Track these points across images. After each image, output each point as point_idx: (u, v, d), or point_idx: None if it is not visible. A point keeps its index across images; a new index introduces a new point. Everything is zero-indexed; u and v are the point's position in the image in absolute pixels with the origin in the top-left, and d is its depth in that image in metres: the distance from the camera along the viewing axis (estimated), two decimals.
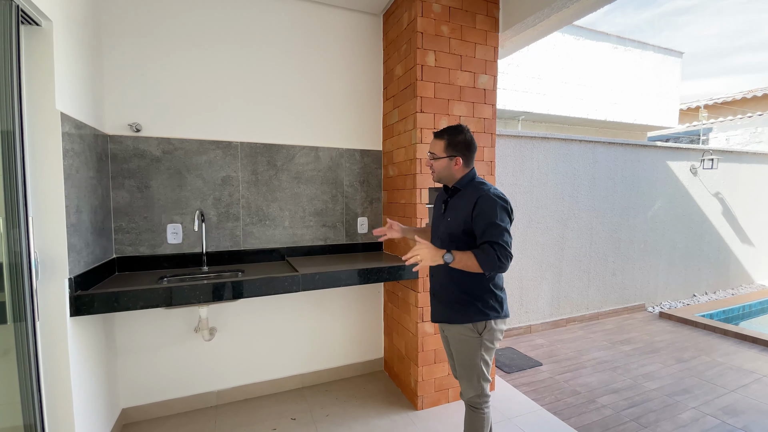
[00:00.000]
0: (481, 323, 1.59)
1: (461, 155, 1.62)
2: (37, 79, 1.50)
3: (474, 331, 1.59)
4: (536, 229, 3.87)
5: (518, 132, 3.70)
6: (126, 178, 2.20)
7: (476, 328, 1.59)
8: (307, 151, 2.64)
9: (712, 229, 5.28)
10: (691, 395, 2.66)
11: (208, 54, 2.35)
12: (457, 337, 1.64)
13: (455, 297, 1.62)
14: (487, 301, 1.59)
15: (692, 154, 4.98)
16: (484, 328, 1.59)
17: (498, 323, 1.62)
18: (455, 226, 1.59)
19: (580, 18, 2.41)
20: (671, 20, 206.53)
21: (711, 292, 5.37)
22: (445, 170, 1.64)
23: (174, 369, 2.37)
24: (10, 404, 1.45)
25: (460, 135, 1.62)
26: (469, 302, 1.59)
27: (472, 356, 1.61)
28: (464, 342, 1.62)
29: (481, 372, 1.62)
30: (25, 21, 1.44)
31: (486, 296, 1.59)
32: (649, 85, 7.02)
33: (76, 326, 1.70)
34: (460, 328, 1.61)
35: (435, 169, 1.66)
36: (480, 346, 1.60)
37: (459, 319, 1.61)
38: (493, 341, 1.62)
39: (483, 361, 1.62)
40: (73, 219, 1.65)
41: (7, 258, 1.39)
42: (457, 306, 1.61)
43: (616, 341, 3.66)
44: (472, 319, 1.58)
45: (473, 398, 1.65)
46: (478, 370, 1.62)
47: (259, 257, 2.53)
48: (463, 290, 1.60)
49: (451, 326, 1.64)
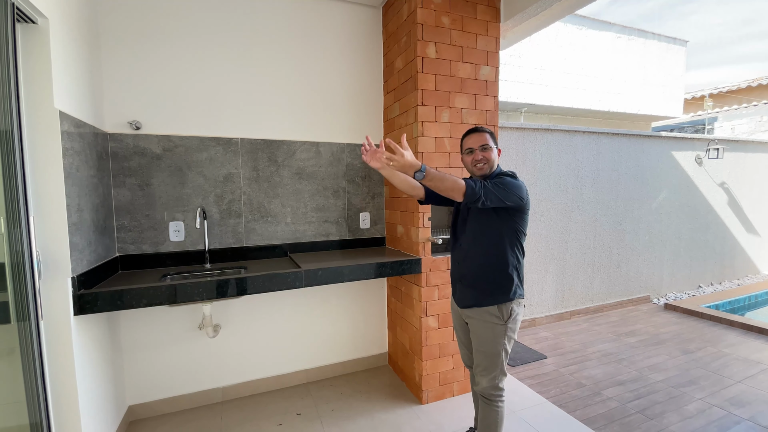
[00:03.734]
0: (506, 307, 1.64)
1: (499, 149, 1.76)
2: (35, 77, 1.49)
3: (500, 318, 1.64)
4: (540, 222, 3.84)
5: (521, 124, 3.66)
6: (127, 176, 2.19)
7: (502, 314, 1.63)
8: (307, 147, 2.62)
9: (718, 219, 5.24)
10: (697, 386, 2.65)
11: (206, 49, 2.33)
12: (481, 323, 1.67)
13: (485, 281, 1.67)
14: (509, 284, 1.65)
15: (697, 143, 4.93)
16: (509, 315, 1.64)
17: (520, 307, 1.68)
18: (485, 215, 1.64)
19: (582, 7, 2.37)
20: (676, 9, 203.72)
21: (717, 283, 5.34)
22: (495, 161, 1.71)
23: (179, 366, 2.38)
24: (16, 403, 1.46)
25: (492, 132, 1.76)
26: (494, 285, 1.65)
27: (496, 344, 1.65)
28: (489, 329, 1.65)
29: (501, 362, 1.66)
30: (21, 19, 1.42)
31: (506, 281, 1.65)
32: (653, 74, 6.93)
33: (81, 325, 1.70)
34: (486, 313, 1.65)
35: (490, 160, 1.69)
36: (504, 335, 1.64)
37: (488, 302, 1.65)
38: (515, 331, 1.67)
39: (505, 351, 1.66)
40: (75, 218, 1.65)
41: (9, 258, 1.39)
42: (486, 288, 1.66)
43: (621, 333, 3.65)
44: (498, 300, 1.64)
45: (488, 389, 1.68)
46: (499, 359, 1.65)
47: (261, 254, 2.53)
48: (490, 274, 1.66)
49: (477, 310, 1.68)
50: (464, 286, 1.75)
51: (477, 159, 1.70)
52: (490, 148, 1.69)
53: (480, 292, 1.68)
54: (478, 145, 1.69)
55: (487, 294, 1.66)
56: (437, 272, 2.40)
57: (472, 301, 1.71)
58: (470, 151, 1.72)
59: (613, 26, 6.45)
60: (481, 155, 1.69)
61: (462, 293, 1.77)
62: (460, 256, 1.77)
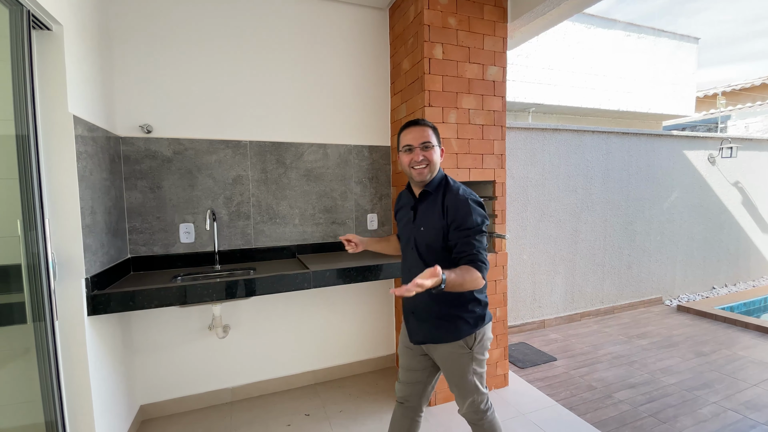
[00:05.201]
0: (471, 337, 1.43)
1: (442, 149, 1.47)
2: (50, 83, 1.52)
3: (464, 347, 1.43)
4: (549, 223, 3.81)
5: (529, 124, 3.64)
6: (138, 179, 2.23)
7: (466, 344, 1.43)
8: (315, 149, 2.64)
9: (732, 219, 5.14)
10: (712, 390, 2.60)
11: (215, 53, 2.36)
12: (445, 357, 1.47)
13: (440, 314, 1.44)
14: (474, 310, 1.44)
15: (710, 142, 4.85)
16: (474, 340, 1.44)
17: (487, 330, 1.48)
18: (431, 236, 1.40)
19: (590, 6, 2.35)
20: (686, 6, 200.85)
21: (731, 284, 5.23)
22: (438, 163, 1.44)
23: (189, 366, 2.41)
24: (31, 402, 1.49)
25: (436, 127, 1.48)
26: (456, 317, 1.43)
27: (464, 373, 1.45)
28: (454, 360, 1.45)
29: (475, 387, 1.47)
30: (37, 26, 1.46)
31: (471, 306, 1.44)
32: (664, 72, 6.84)
33: (94, 325, 1.73)
34: (449, 347, 1.44)
35: (433, 161, 1.41)
36: (471, 361, 1.45)
37: (448, 338, 1.43)
38: (483, 352, 1.48)
39: (476, 375, 1.47)
40: (88, 220, 1.68)
41: (26, 259, 1.43)
42: (443, 323, 1.44)
43: (633, 335, 3.60)
44: (461, 335, 1.42)
45: (469, 414, 1.51)
46: (471, 386, 1.47)
47: (270, 255, 2.55)
48: (447, 305, 1.43)
49: (438, 346, 1.47)
50: (418, 321, 1.50)
51: (417, 160, 1.41)
52: (432, 146, 1.41)
53: (436, 327, 1.44)
54: (418, 142, 1.41)
55: (446, 330, 1.43)
56: None
57: (429, 337, 1.47)
58: (409, 148, 1.42)
59: (622, 24, 6.38)
60: (422, 155, 1.40)
61: (415, 328, 1.52)
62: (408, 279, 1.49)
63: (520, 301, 3.73)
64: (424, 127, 1.43)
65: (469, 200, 1.36)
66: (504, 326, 2.59)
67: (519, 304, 3.73)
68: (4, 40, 1.36)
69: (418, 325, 1.51)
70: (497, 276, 2.54)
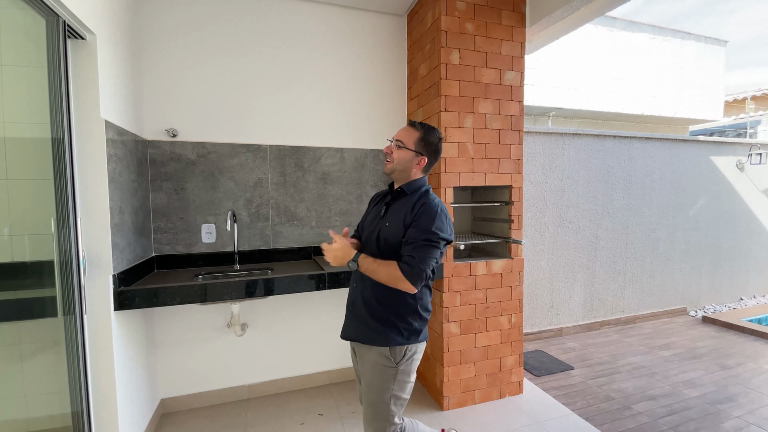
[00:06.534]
0: (400, 349, 1.37)
1: (428, 157, 1.46)
2: (84, 89, 1.61)
3: (390, 360, 1.37)
4: (568, 229, 3.75)
5: (548, 128, 3.60)
6: (164, 181, 2.32)
7: (394, 356, 1.37)
8: (332, 153, 2.68)
9: (761, 228, 4.94)
10: (735, 404, 2.51)
11: (238, 61, 2.43)
12: (369, 363, 1.41)
13: (375, 314, 1.40)
14: (412, 323, 1.39)
15: (738, 148, 4.68)
16: (404, 356, 1.38)
17: (419, 349, 1.43)
18: (392, 233, 1.39)
19: (612, 8, 2.33)
20: (715, 8, 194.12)
21: (760, 296, 5.02)
22: (405, 164, 1.44)
23: (208, 362, 2.48)
24: (59, 393, 1.57)
25: (434, 136, 1.46)
26: (391, 323, 1.38)
27: (382, 390, 1.38)
28: (376, 372, 1.38)
29: (388, 413, 1.37)
30: (72, 35, 1.54)
31: (411, 318, 1.39)
32: (691, 76, 6.65)
33: (119, 320, 1.81)
34: (375, 353, 1.39)
35: (395, 159, 1.44)
36: (393, 379, 1.38)
37: (376, 341, 1.38)
38: (410, 374, 1.41)
39: (394, 399, 1.38)
40: (117, 219, 1.76)
41: (58, 256, 1.51)
42: (375, 325, 1.39)
43: (655, 346, 3.50)
44: (390, 343, 1.37)
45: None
46: (384, 409, 1.38)
47: (287, 256, 2.60)
48: (385, 308, 1.39)
49: (364, 348, 1.42)
50: (352, 316, 1.48)
51: (384, 152, 1.49)
52: (401, 146, 1.43)
53: (367, 326, 1.40)
54: (394, 138, 1.47)
55: (376, 332, 1.38)
56: (459, 278, 2.39)
57: (358, 335, 1.43)
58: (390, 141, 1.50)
59: (647, 27, 6.24)
60: (390, 149, 1.46)
61: (348, 323, 1.50)
62: (358, 275, 1.48)
63: (537, 308, 3.68)
64: (408, 128, 1.46)
65: (439, 211, 1.36)
66: (519, 333, 2.57)
67: (536, 311, 3.67)
68: (41, 49, 1.45)
69: (351, 320, 1.49)
70: (513, 282, 2.53)
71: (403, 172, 1.46)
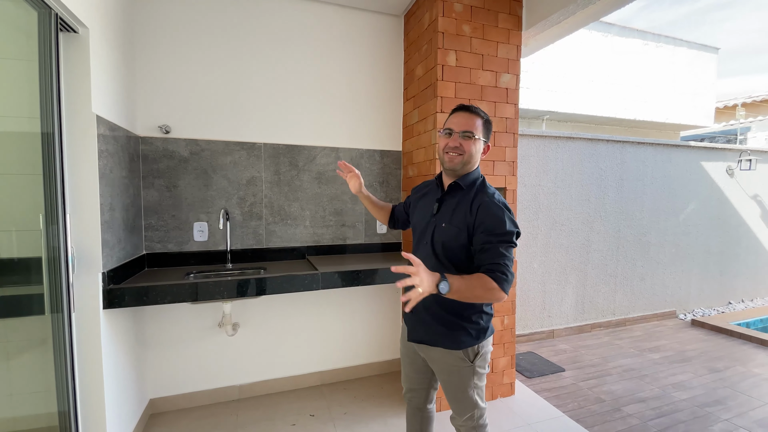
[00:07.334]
0: (473, 349, 1.35)
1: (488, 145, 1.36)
2: (75, 83, 1.58)
3: (465, 360, 1.35)
4: (560, 232, 3.78)
5: (542, 131, 3.63)
6: (156, 178, 2.29)
7: (467, 356, 1.35)
8: (327, 152, 2.67)
9: (750, 233, 5.02)
10: (724, 407, 2.54)
11: (233, 58, 2.41)
12: (443, 365, 1.39)
13: (441, 319, 1.35)
14: (479, 322, 1.35)
15: (729, 154, 4.75)
16: (476, 354, 1.36)
17: (488, 343, 1.41)
18: (451, 236, 1.29)
19: (607, 14, 2.35)
20: (708, 16, 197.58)
21: (748, 300, 5.10)
22: (475, 156, 1.32)
23: (199, 362, 2.45)
24: (46, 392, 1.54)
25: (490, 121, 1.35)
26: (459, 326, 1.33)
27: (464, 387, 1.37)
28: (454, 372, 1.37)
29: (474, 403, 1.39)
30: (64, 28, 1.52)
31: (476, 317, 1.35)
32: (683, 82, 6.74)
33: (108, 318, 1.78)
34: (448, 355, 1.36)
35: (466, 151, 1.30)
36: (472, 375, 1.37)
37: (447, 344, 1.35)
38: (485, 365, 1.40)
39: (476, 389, 1.39)
40: (107, 216, 1.74)
41: (46, 252, 1.48)
42: (443, 329, 1.35)
43: (645, 349, 3.53)
44: (461, 346, 1.33)
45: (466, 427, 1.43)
46: (471, 400, 1.39)
47: (280, 255, 2.58)
48: (451, 312, 1.33)
49: (435, 349, 1.38)
50: (416, 320, 1.41)
51: (450, 146, 1.31)
52: (473, 138, 1.30)
53: (435, 331, 1.36)
54: (460, 128, 1.30)
55: (445, 336, 1.34)
56: None
57: (427, 338, 1.38)
58: (448, 132, 1.33)
59: (640, 33, 6.32)
60: (459, 142, 1.30)
61: (413, 326, 1.44)
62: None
63: (529, 310, 3.70)
64: (473, 116, 1.31)
65: (504, 207, 1.26)
66: (512, 335, 2.58)
67: (528, 313, 3.69)
68: (32, 42, 1.42)
69: (415, 323, 1.43)
70: None
71: (467, 164, 1.32)
